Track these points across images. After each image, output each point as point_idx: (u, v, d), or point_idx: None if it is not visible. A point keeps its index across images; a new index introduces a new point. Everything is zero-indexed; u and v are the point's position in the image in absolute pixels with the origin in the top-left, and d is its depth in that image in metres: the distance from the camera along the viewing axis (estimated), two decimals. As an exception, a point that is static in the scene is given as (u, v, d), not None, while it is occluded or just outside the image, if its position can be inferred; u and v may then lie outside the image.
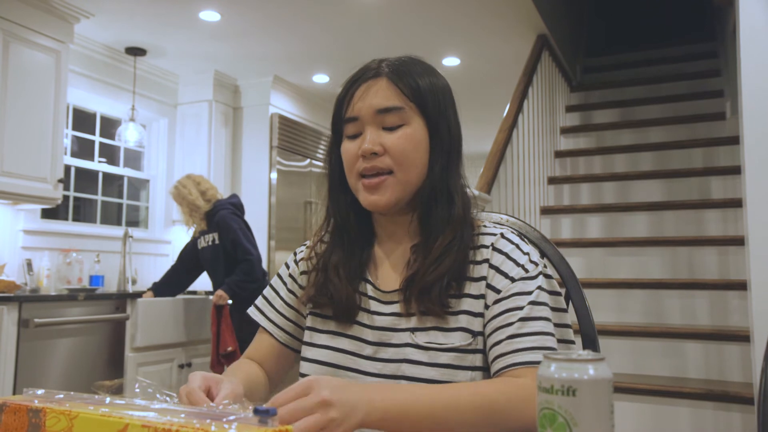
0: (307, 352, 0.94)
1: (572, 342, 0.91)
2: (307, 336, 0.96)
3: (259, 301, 1.03)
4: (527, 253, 0.88)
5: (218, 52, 4.23)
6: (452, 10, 3.66)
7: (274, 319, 1.00)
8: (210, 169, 4.53)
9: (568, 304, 1.09)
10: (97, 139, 4.31)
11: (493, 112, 5.42)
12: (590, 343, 1.04)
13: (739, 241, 2.91)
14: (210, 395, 0.75)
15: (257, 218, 4.64)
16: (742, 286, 2.69)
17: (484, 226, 0.92)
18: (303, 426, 0.63)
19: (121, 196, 4.51)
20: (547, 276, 0.89)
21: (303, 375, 0.94)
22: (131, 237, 4.04)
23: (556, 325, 0.86)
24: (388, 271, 0.93)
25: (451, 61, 4.47)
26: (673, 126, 4.05)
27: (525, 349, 0.80)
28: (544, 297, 0.85)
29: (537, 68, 3.79)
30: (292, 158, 4.84)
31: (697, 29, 5.17)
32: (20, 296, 2.98)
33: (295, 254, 1.03)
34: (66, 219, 4.05)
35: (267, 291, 1.03)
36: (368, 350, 0.89)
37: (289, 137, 4.82)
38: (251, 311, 1.02)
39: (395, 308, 0.89)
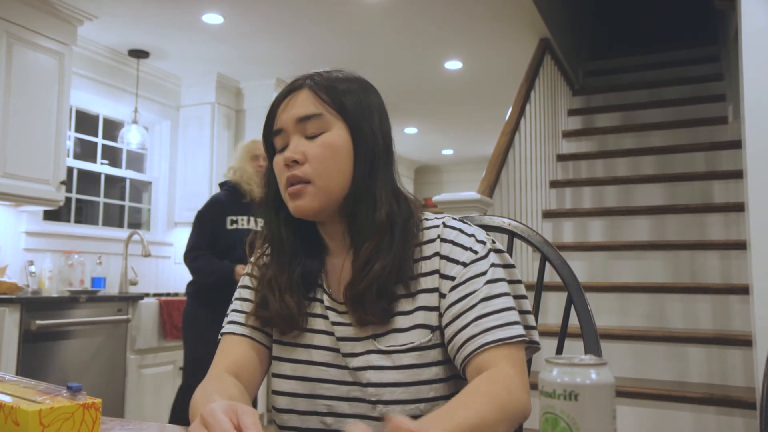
0: (278, 367, 0.92)
1: (529, 312, 0.92)
2: (276, 350, 0.94)
3: (230, 316, 0.97)
4: (472, 235, 0.89)
5: (221, 54, 4.24)
6: (455, 13, 3.66)
7: (241, 320, 0.95)
8: (212, 171, 4.54)
9: (569, 308, 1.09)
10: (99, 141, 4.32)
11: (495, 115, 5.43)
12: (592, 347, 1.03)
13: (741, 245, 2.90)
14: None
15: (259, 221, 4.64)
16: (744, 290, 2.68)
17: (426, 219, 0.93)
18: None
19: (123, 198, 4.52)
20: (498, 251, 0.91)
21: (276, 392, 0.92)
22: (138, 235, 4.04)
23: (516, 296, 0.89)
24: (338, 281, 0.92)
25: (453, 65, 4.48)
26: (675, 130, 4.05)
27: (493, 328, 0.81)
28: (500, 272, 0.87)
29: (539, 72, 3.79)
30: (294, 161, 4.85)
31: (699, 33, 5.17)
32: (22, 298, 2.98)
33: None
34: (68, 221, 4.06)
35: (236, 304, 0.98)
36: (338, 360, 0.88)
37: (291, 140, 4.83)
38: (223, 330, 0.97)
39: (350, 318, 0.89)
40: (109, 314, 3.36)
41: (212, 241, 2.95)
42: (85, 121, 4.25)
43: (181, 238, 4.69)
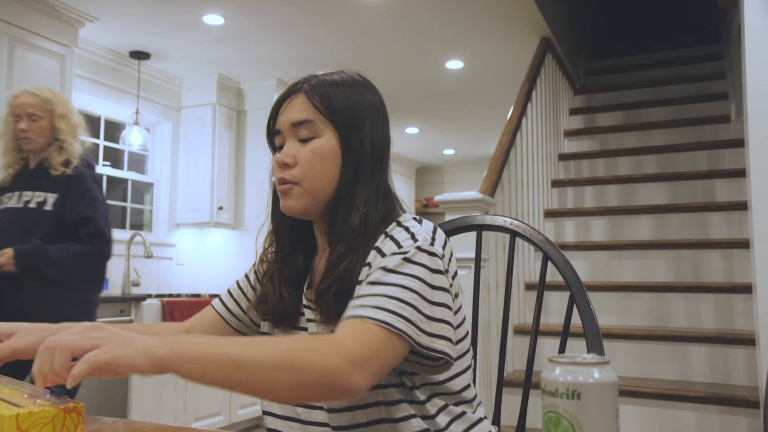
0: None
1: (442, 321, 0.82)
2: None
3: (223, 293, 1.09)
4: (413, 234, 0.86)
5: (222, 55, 4.24)
6: (455, 12, 3.66)
7: (225, 300, 1.06)
8: (214, 172, 4.54)
9: (572, 308, 1.08)
10: (101, 142, 4.33)
11: (496, 115, 5.42)
12: (595, 347, 1.03)
13: (744, 244, 2.90)
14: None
15: (260, 222, 4.64)
16: (747, 289, 2.68)
17: (396, 220, 0.93)
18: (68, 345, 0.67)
19: (125, 200, 4.52)
20: (431, 253, 0.84)
21: None
22: (140, 236, 4.05)
23: (431, 302, 0.81)
24: (316, 281, 0.96)
25: (454, 64, 4.48)
26: (677, 129, 4.05)
27: (358, 306, 0.78)
28: (411, 269, 0.81)
29: (540, 71, 3.79)
30: (295, 161, 4.85)
31: (701, 31, 5.16)
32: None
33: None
34: (70, 222, 4.06)
35: (233, 284, 1.08)
36: None
37: (293, 140, 4.83)
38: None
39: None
40: (112, 315, 3.36)
41: None
42: (87, 123, 4.24)
43: (183, 239, 4.69)
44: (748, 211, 2.11)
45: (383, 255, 0.85)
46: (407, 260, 0.82)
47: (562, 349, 1.09)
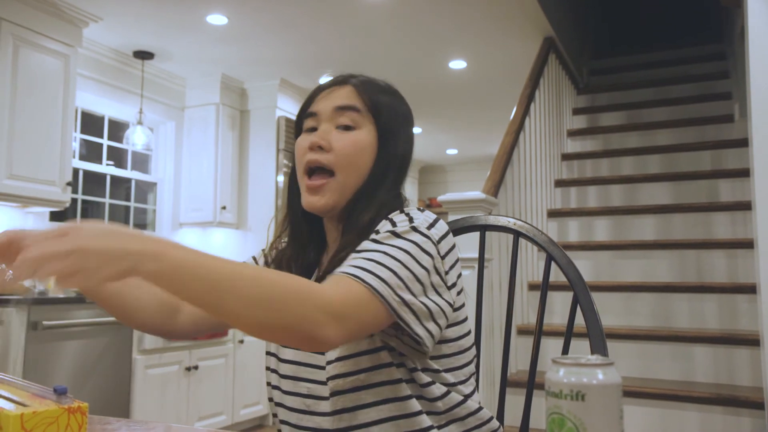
0: (270, 346, 0.98)
1: (418, 299, 0.81)
2: None
3: None
4: (411, 217, 0.86)
5: (225, 55, 4.25)
6: (458, 12, 3.66)
7: None
8: (217, 172, 4.55)
9: (575, 308, 1.08)
10: (105, 142, 4.34)
11: (499, 114, 5.42)
12: (598, 347, 1.03)
13: (748, 244, 2.89)
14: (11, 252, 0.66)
15: (264, 221, 4.65)
16: (751, 289, 2.67)
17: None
18: (49, 271, 0.59)
19: (128, 199, 4.53)
20: (424, 235, 0.84)
21: (269, 369, 0.97)
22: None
23: (414, 274, 0.80)
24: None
25: (457, 64, 4.47)
26: (681, 128, 4.04)
27: (347, 265, 0.79)
28: (398, 242, 0.82)
29: (544, 71, 3.78)
30: (298, 161, 4.85)
31: (704, 30, 5.15)
32: (29, 299, 2.99)
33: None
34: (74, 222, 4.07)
35: None
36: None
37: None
38: None
39: None
40: (115, 315, 3.36)
41: None
42: (91, 123, 4.26)
43: (186, 238, 4.70)
44: (751, 211, 2.10)
45: (377, 231, 0.86)
46: (396, 235, 0.83)
47: (565, 350, 1.09)
